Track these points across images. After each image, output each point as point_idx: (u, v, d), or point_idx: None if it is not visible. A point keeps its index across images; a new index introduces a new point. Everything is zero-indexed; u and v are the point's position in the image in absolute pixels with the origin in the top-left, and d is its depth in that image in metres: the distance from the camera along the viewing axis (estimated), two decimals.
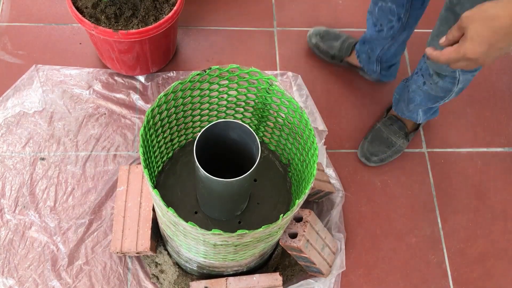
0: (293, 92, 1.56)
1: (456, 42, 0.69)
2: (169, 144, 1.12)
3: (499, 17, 0.63)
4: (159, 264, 1.28)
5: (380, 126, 1.49)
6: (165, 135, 1.06)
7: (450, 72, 1.10)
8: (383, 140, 1.46)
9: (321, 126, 1.50)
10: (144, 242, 1.20)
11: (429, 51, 0.75)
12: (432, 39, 1.07)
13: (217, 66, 0.96)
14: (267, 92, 1.01)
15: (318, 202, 1.40)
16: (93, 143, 1.44)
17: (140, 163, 1.37)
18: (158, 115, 0.96)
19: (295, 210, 0.85)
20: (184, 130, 1.13)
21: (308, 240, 1.14)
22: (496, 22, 0.63)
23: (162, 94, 0.93)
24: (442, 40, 0.72)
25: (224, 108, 1.11)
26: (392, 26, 1.31)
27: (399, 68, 1.57)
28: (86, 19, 1.30)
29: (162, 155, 1.11)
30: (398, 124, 1.47)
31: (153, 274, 1.28)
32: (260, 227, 0.81)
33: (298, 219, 1.16)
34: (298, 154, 1.06)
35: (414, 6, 1.24)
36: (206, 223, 1.10)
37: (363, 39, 1.48)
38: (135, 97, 1.52)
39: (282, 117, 1.04)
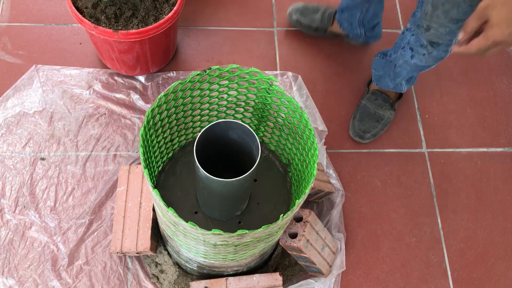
0: (293, 92, 1.56)
1: (476, 33, 0.69)
2: (169, 144, 1.12)
3: None
4: (159, 264, 1.28)
5: (365, 102, 1.51)
6: (165, 135, 1.06)
7: (447, 40, 1.10)
8: (371, 116, 1.49)
9: (321, 126, 1.50)
10: (144, 242, 1.20)
11: (455, 48, 0.75)
12: (436, 8, 1.03)
13: (217, 66, 0.96)
14: (267, 92, 1.01)
15: (318, 202, 1.40)
16: (93, 143, 1.44)
17: (140, 163, 1.37)
18: (158, 115, 0.96)
19: (295, 210, 0.85)
20: (184, 130, 1.13)
21: (308, 240, 1.14)
22: None
23: (162, 94, 0.93)
24: (461, 35, 0.72)
25: (224, 108, 1.11)
26: None
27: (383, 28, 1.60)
28: (86, 19, 1.30)
29: (162, 155, 1.11)
30: (383, 97, 1.50)
31: (153, 274, 1.28)
32: (260, 227, 0.81)
33: (298, 219, 1.16)
34: (298, 154, 1.06)
35: None
36: (206, 223, 1.10)
37: (340, 8, 1.50)
38: (135, 97, 1.52)
39: (282, 117, 1.04)
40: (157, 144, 1.04)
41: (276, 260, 1.30)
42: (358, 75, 1.65)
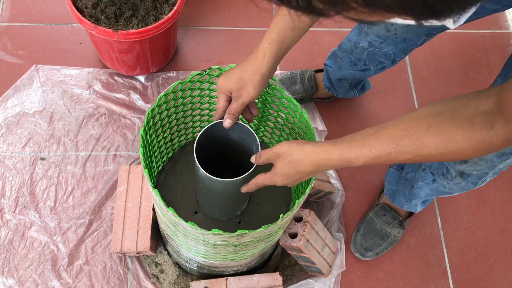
0: None
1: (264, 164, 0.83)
2: (169, 144, 1.12)
3: (302, 163, 0.75)
4: (159, 264, 1.28)
5: (372, 216, 1.37)
6: (165, 135, 1.06)
7: (483, 172, 0.96)
8: (376, 231, 1.35)
9: (321, 126, 1.50)
10: (144, 242, 1.20)
11: (253, 160, 0.85)
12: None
13: (217, 66, 0.96)
14: (267, 92, 1.01)
15: (318, 202, 1.40)
16: (93, 143, 1.44)
17: (140, 163, 1.37)
18: (158, 115, 0.96)
19: (295, 210, 0.85)
20: (184, 130, 1.13)
21: (308, 240, 1.14)
22: (300, 166, 0.75)
23: (162, 94, 0.93)
24: (253, 159, 0.84)
25: None
26: (384, 67, 1.24)
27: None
28: (86, 19, 1.30)
29: (162, 155, 1.11)
30: (391, 214, 1.35)
31: (153, 274, 1.28)
32: (260, 227, 0.81)
33: (298, 219, 1.16)
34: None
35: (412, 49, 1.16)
36: (206, 223, 1.10)
37: (339, 78, 1.37)
38: (135, 97, 1.52)
39: (282, 117, 1.04)
40: (157, 144, 1.04)
41: (276, 260, 1.30)
42: None
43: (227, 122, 0.87)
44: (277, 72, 1.60)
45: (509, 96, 0.60)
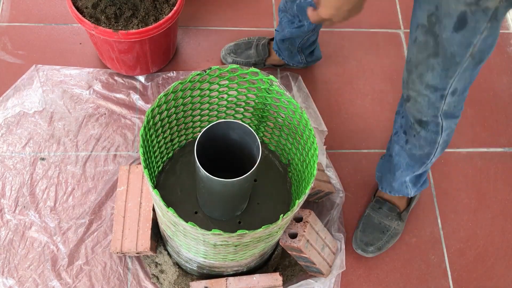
0: (293, 92, 1.56)
1: None
2: (169, 144, 1.12)
3: None
4: (159, 264, 1.28)
5: (369, 211, 1.38)
6: (165, 135, 1.06)
7: (431, 116, 1.02)
8: (375, 226, 1.35)
9: (321, 126, 1.50)
10: (144, 242, 1.20)
11: (309, 11, 0.84)
12: (411, 72, 0.97)
13: (217, 66, 0.96)
14: (267, 92, 1.01)
15: (318, 202, 1.40)
16: (93, 143, 1.44)
17: (140, 163, 1.37)
18: (158, 115, 0.96)
19: (295, 210, 0.85)
20: (184, 130, 1.13)
21: (308, 240, 1.14)
22: None
23: (162, 94, 0.93)
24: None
25: (224, 108, 1.11)
26: None
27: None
28: (86, 19, 1.30)
29: (162, 155, 1.11)
30: (388, 206, 1.36)
31: (153, 274, 1.28)
32: (260, 227, 0.81)
33: (298, 219, 1.16)
34: (298, 154, 1.06)
35: None
36: (206, 223, 1.10)
37: (281, 39, 1.43)
38: (135, 97, 1.52)
39: (282, 117, 1.04)
40: (157, 144, 1.04)
41: (276, 260, 1.30)
42: (358, 74, 1.65)
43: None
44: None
45: None
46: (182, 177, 1.15)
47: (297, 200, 0.86)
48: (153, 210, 1.24)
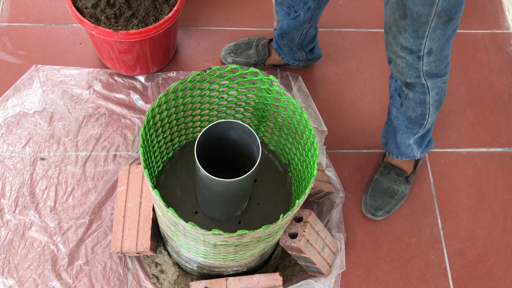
0: (293, 92, 1.56)
1: None
2: (169, 144, 1.12)
3: None
4: (159, 264, 1.28)
5: (377, 177, 1.42)
6: (165, 135, 1.06)
7: (413, 77, 1.06)
8: (384, 191, 1.40)
9: (321, 126, 1.50)
10: (144, 242, 1.20)
11: None
12: (387, 34, 1.02)
13: (217, 66, 0.96)
14: (267, 92, 1.01)
15: (318, 202, 1.40)
16: (93, 143, 1.44)
17: (140, 163, 1.37)
18: (158, 115, 0.96)
19: (295, 210, 0.85)
20: (184, 130, 1.13)
21: (308, 240, 1.14)
22: None
23: (162, 94, 0.93)
24: None
25: (224, 108, 1.11)
26: (309, 7, 1.29)
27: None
28: (86, 19, 1.30)
29: (162, 155, 1.11)
30: (396, 171, 1.40)
31: (153, 274, 1.28)
32: (260, 227, 0.81)
33: (298, 219, 1.16)
34: (298, 154, 1.06)
35: None
36: (206, 223, 1.10)
37: (280, 34, 1.44)
38: (135, 97, 1.52)
39: (282, 117, 1.04)
40: (157, 144, 1.04)
41: (276, 260, 1.30)
42: (358, 74, 1.65)
43: None
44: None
45: None
46: (182, 177, 1.15)
47: (297, 200, 0.86)
48: (153, 210, 1.24)
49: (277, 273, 1.15)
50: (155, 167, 1.08)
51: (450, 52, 1.05)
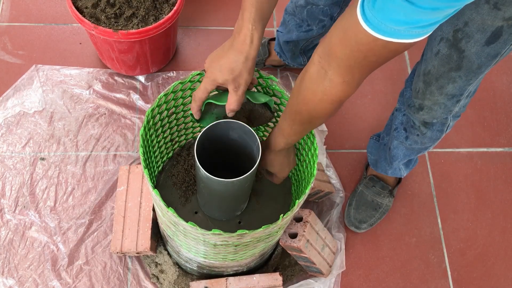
0: None
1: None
2: (169, 144, 1.12)
3: (290, 162, 0.95)
4: (159, 264, 1.28)
5: (362, 189, 1.41)
6: (165, 135, 1.06)
7: (442, 118, 1.03)
8: (368, 203, 1.38)
9: (321, 126, 1.50)
10: (144, 242, 1.20)
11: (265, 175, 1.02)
12: (430, 84, 0.95)
13: None
14: (267, 92, 1.01)
15: (318, 202, 1.40)
16: (93, 143, 1.44)
17: (140, 163, 1.37)
18: (158, 115, 0.96)
19: (295, 210, 0.85)
20: (184, 130, 1.13)
21: (308, 240, 1.14)
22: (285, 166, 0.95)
23: (162, 94, 0.93)
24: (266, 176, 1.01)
25: None
26: (324, 25, 1.28)
27: None
28: (86, 19, 1.30)
29: (162, 155, 1.11)
30: (381, 184, 1.39)
31: (153, 274, 1.28)
32: (260, 227, 0.81)
33: (298, 219, 1.16)
34: (298, 154, 1.06)
35: (347, 2, 1.21)
36: (206, 223, 1.10)
37: (285, 41, 1.42)
38: (135, 97, 1.52)
39: None
40: (157, 144, 1.04)
41: (276, 260, 1.30)
42: None
43: (232, 114, 0.88)
44: None
45: (330, 38, 0.63)
46: (182, 177, 1.15)
47: (297, 200, 0.86)
48: (153, 210, 1.24)
49: (277, 273, 1.15)
50: (155, 167, 1.08)
51: None
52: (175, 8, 1.34)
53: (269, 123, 1.11)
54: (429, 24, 0.54)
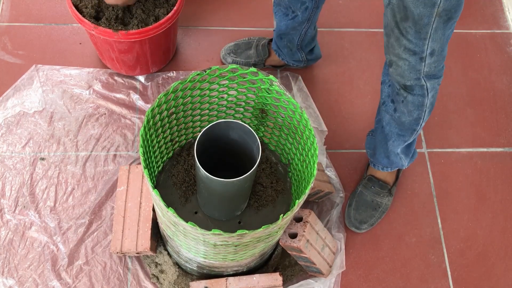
0: (293, 92, 1.56)
1: None
2: (169, 144, 1.12)
3: None
4: (159, 264, 1.28)
5: (361, 189, 1.41)
6: (165, 135, 1.06)
7: (414, 80, 1.05)
8: (368, 204, 1.39)
9: (321, 126, 1.50)
10: (144, 242, 1.20)
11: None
12: (389, 36, 1.01)
13: (217, 66, 0.96)
14: (267, 92, 1.01)
15: (318, 202, 1.40)
16: (93, 143, 1.44)
17: (140, 163, 1.37)
18: (158, 115, 0.96)
19: (295, 210, 0.85)
20: (184, 130, 1.13)
21: (308, 240, 1.14)
22: None
23: (162, 94, 0.93)
24: None
25: (224, 108, 1.11)
26: (307, 7, 1.30)
27: None
28: (86, 19, 1.30)
29: (162, 155, 1.11)
30: (379, 184, 1.40)
31: (153, 274, 1.28)
32: (260, 227, 0.81)
33: (298, 219, 1.16)
34: (298, 154, 1.06)
35: None
36: (206, 223, 1.10)
37: (278, 35, 1.45)
38: (135, 97, 1.52)
39: (282, 117, 1.04)
40: (157, 144, 1.04)
41: (276, 260, 1.30)
42: (358, 74, 1.65)
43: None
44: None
45: None
46: (182, 177, 1.15)
47: (297, 200, 0.86)
48: (153, 210, 1.24)
49: (277, 273, 1.15)
50: (155, 167, 1.08)
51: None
52: (175, 8, 1.34)
53: (268, 123, 1.11)
54: None
